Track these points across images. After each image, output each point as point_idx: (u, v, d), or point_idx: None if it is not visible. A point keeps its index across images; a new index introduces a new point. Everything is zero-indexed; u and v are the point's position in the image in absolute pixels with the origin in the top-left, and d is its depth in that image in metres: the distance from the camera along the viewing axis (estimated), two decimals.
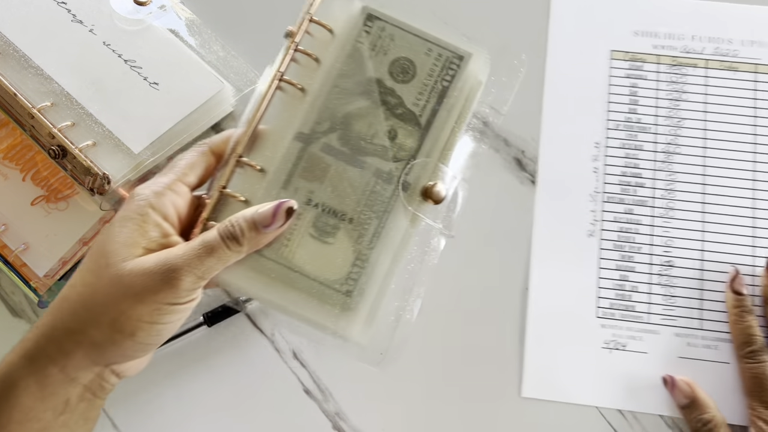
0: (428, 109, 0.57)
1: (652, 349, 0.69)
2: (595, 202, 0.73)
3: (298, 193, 0.55)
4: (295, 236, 0.54)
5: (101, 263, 0.51)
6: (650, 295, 0.71)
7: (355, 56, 0.57)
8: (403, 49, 0.57)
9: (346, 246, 0.55)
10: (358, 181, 0.55)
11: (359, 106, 0.57)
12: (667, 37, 0.77)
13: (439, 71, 0.57)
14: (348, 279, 0.54)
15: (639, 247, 0.72)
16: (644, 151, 0.74)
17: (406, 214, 0.56)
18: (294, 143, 0.56)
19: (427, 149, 0.56)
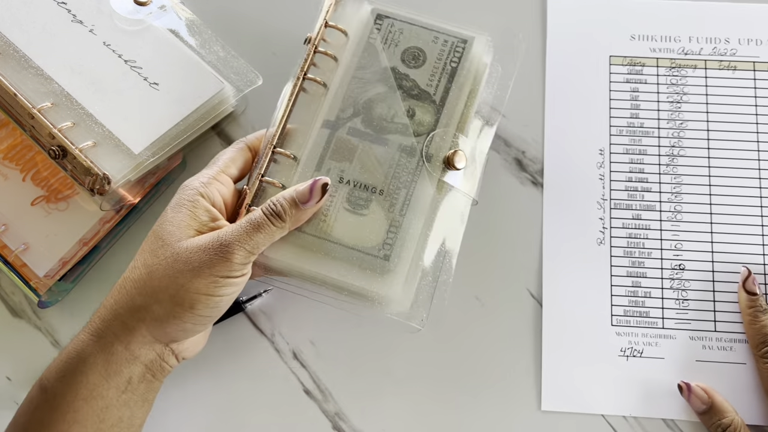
0: (441, 87, 0.63)
1: (669, 354, 0.69)
2: (603, 210, 0.73)
3: (330, 173, 0.61)
4: (332, 212, 0.60)
5: (159, 244, 0.56)
6: (663, 300, 0.70)
7: (369, 50, 0.64)
8: (412, 40, 0.65)
9: (379, 216, 0.60)
10: (384, 156, 0.61)
11: (378, 92, 0.63)
12: (664, 39, 0.77)
13: (447, 55, 0.64)
14: (384, 245, 0.59)
15: (649, 253, 0.71)
16: (649, 155, 0.74)
17: (432, 181, 0.61)
18: (322, 130, 0.62)
19: (444, 122, 0.63)
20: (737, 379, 0.68)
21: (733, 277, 0.70)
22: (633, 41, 0.77)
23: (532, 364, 0.69)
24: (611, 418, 0.67)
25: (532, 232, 0.72)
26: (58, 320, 0.71)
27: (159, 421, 0.67)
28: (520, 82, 0.74)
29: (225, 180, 0.61)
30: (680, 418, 0.67)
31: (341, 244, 0.59)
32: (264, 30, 0.79)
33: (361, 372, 0.69)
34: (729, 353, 0.68)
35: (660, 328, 0.69)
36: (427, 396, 0.69)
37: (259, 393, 0.69)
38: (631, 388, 0.68)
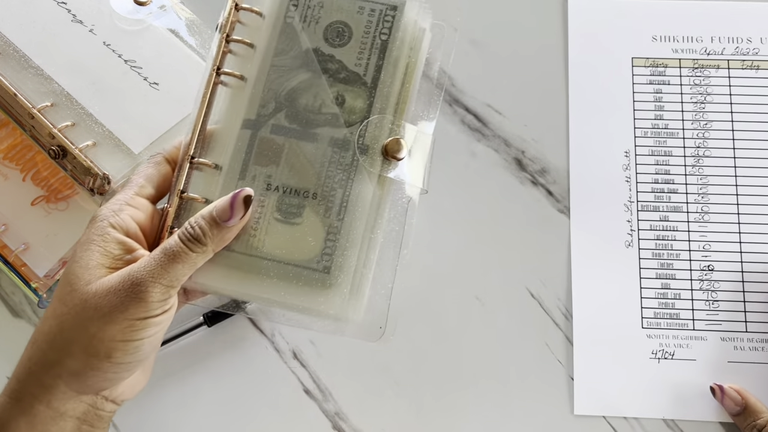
0: (371, 66, 0.55)
1: (700, 355, 0.68)
2: (630, 212, 0.72)
3: (256, 181, 0.54)
4: (261, 224, 0.53)
5: (67, 290, 0.49)
6: (693, 301, 0.69)
7: (287, 32, 0.56)
8: (334, 13, 0.56)
9: (314, 223, 0.53)
10: (314, 154, 0.54)
11: (301, 80, 0.56)
12: (686, 40, 0.76)
13: (375, 26, 0.56)
14: (323, 255, 0.53)
15: (678, 254, 0.71)
16: (674, 157, 0.73)
17: (371, 177, 0.54)
18: (243, 132, 0.55)
19: (379, 107, 0.55)
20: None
21: (762, 276, 0.69)
22: (655, 42, 0.76)
23: (533, 364, 0.68)
24: (611, 418, 0.67)
25: (532, 231, 0.72)
26: None
27: (159, 421, 0.67)
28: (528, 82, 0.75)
29: (139, 203, 0.53)
30: (715, 419, 0.66)
31: (275, 260, 0.53)
32: None
33: (361, 372, 0.69)
34: (761, 353, 0.68)
35: (691, 330, 0.68)
36: (427, 396, 0.68)
37: (259, 393, 0.68)
38: (664, 391, 0.67)
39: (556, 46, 0.77)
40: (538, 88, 0.75)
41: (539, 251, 0.71)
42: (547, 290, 0.70)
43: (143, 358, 0.50)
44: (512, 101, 0.75)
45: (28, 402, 0.49)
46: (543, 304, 0.69)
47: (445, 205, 0.72)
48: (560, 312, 0.69)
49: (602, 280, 0.70)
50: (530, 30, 0.77)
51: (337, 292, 0.52)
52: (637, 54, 0.76)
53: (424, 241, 0.71)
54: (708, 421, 0.66)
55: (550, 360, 0.68)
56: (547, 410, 0.67)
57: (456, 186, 0.72)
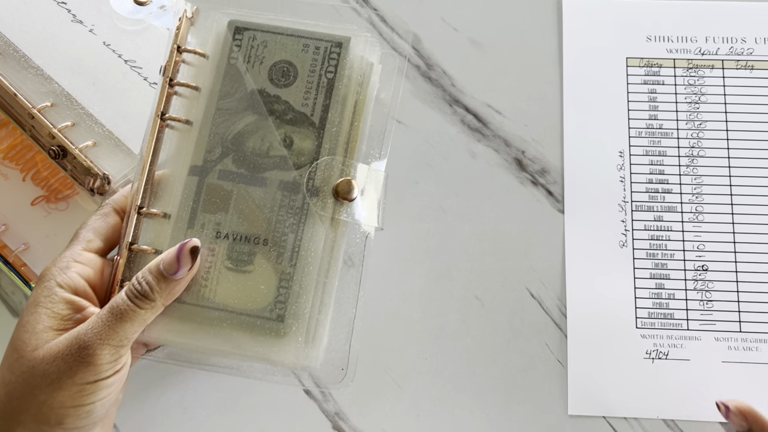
0: (318, 105, 0.54)
1: (694, 355, 0.68)
2: (625, 212, 0.72)
3: (205, 229, 0.52)
4: (212, 273, 0.52)
5: (14, 357, 0.48)
6: (687, 301, 0.69)
7: (231, 73, 0.55)
8: (279, 53, 0.55)
9: (266, 270, 0.52)
10: (264, 199, 0.53)
11: (247, 123, 0.54)
12: (680, 40, 0.76)
13: (320, 65, 0.55)
14: (276, 303, 0.51)
15: (672, 254, 0.70)
16: (668, 157, 0.73)
17: (323, 219, 0.53)
18: (190, 179, 0.53)
19: (328, 147, 0.54)
20: (764, 379, 0.67)
21: (757, 277, 0.69)
22: (649, 42, 0.76)
23: (533, 364, 0.68)
24: (612, 419, 0.67)
25: (532, 231, 0.72)
26: None
27: (159, 421, 0.67)
28: (528, 82, 0.75)
29: (87, 258, 0.51)
30: (708, 419, 0.66)
31: (227, 310, 0.51)
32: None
33: (361, 372, 0.67)
34: (755, 353, 0.68)
35: (685, 330, 0.68)
36: (427, 396, 0.68)
37: (259, 393, 0.68)
38: (658, 391, 0.67)
39: (554, 46, 0.77)
40: (537, 88, 0.75)
41: (539, 251, 0.71)
42: (547, 290, 0.69)
43: (97, 420, 0.49)
44: (512, 101, 0.74)
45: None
46: (543, 304, 0.69)
47: (446, 205, 0.72)
48: (560, 312, 0.69)
49: (596, 280, 0.70)
50: (528, 30, 0.77)
51: (292, 340, 0.51)
52: (631, 54, 0.76)
53: (425, 240, 0.71)
54: (707, 421, 0.66)
55: (550, 360, 0.68)
56: (548, 410, 0.67)
57: (456, 186, 0.72)
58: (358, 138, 0.54)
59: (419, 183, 0.72)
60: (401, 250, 0.71)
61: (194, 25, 0.57)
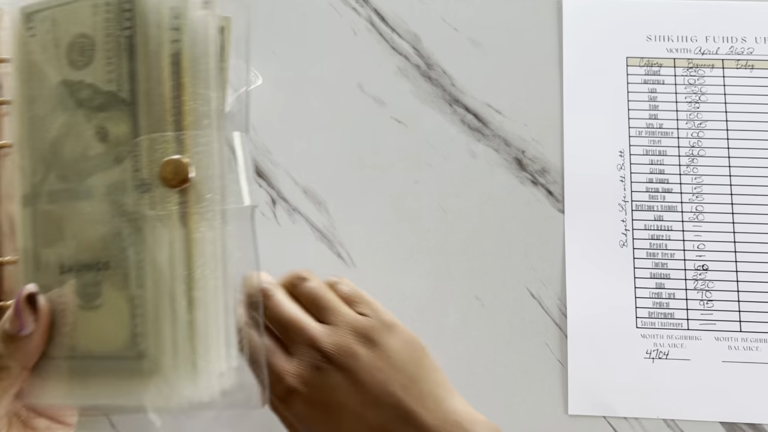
0: (124, 76, 0.41)
1: (695, 355, 0.68)
2: (625, 212, 0.71)
3: (50, 268, 0.42)
4: (69, 316, 0.42)
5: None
6: (687, 301, 0.69)
7: (31, 72, 0.43)
8: (70, 27, 0.42)
9: (115, 299, 0.41)
10: (94, 213, 0.41)
11: (58, 125, 0.42)
12: (680, 39, 0.76)
13: (115, 24, 0.41)
14: (134, 337, 0.40)
15: (672, 254, 0.70)
16: (669, 156, 0.72)
17: (163, 219, 0.41)
18: (24, 211, 0.43)
19: (147, 125, 0.41)
20: (764, 379, 0.67)
21: (758, 276, 0.69)
22: (649, 42, 0.76)
23: (533, 364, 0.68)
24: (612, 419, 0.67)
25: (532, 231, 0.71)
26: None
27: None
28: (528, 82, 0.75)
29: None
30: (709, 419, 0.66)
31: (92, 357, 0.41)
32: (262, 29, 0.77)
33: None
34: (755, 353, 0.67)
35: (685, 330, 0.68)
36: None
37: None
38: (658, 391, 0.67)
39: (554, 46, 0.76)
40: (537, 88, 0.75)
41: (539, 251, 0.70)
42: (547, 290, 0.69)
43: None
44: (512, 101, 0.74)
45: None
46: (543, 304, 0.69)
47: (446, 205, 0.71)
48: (560, 312, 0.69)
49: (596, 280, 0.70)
50: (528, 30, 0.76)
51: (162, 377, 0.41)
52: (631, 53, 0.75)
53: (425, 240, 0.70)
54: (708, 421, 0.66)
55: (550, 360, 0.68)
56: (548, 410, 0.67)
57: (456, 186, 0.72)
58: (191, 101, 0.41)
59: (419, 183, 0.72)
60: (401, 250, 0.70)
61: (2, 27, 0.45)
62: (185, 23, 0.41)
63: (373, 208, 0.71)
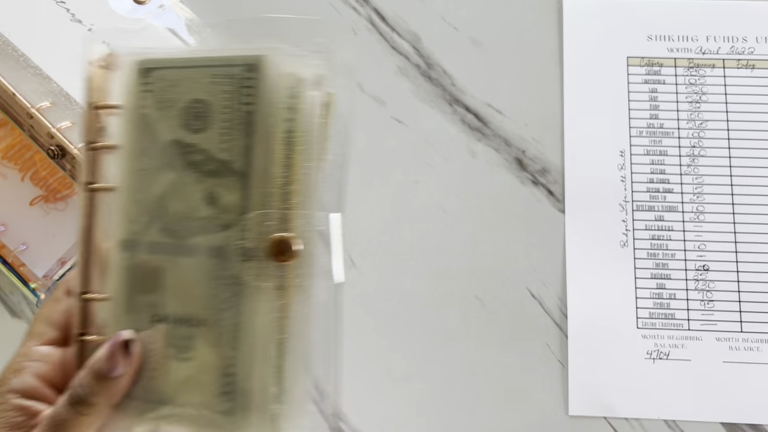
0: (238, 148, 0.43)
1: (695, 355, 0.68)
2: (625, 212, 0.71)
3: (141, 314, 0.44)
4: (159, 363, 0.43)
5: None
6: (688, 301, 0.69)
7: (143, 126, 0.45)
8: (189, 91, 0.44)
9: (207, 356, 0.43)
10: (195, 272, 0.43)
11: (167, 182, 0.44)
12: (681, 39, 0.75)
13: (235, 96, 0.43)
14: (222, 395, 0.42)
15: (673, 254, 0.70)
16: (669, 156, 0.72)
17: (264, 288, 0.42)
18: (122, 256, 0.45)
19: (259, 198, 0.42)
20: (765, 379, 0.67)
21: (758, 276, 0.69)
22: (650, 41, 0.76)
23: (533, 364, 0.68)
24: (612, 419, 0.67)
25: (533, 231, 0.71)
26: None
27: None
28: (528, 81, 0.75)
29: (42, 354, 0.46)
30: (709, 420, 0.66)
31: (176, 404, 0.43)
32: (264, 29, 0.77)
33: (361, 372, 0.68)
34: (756, 354, 0.67)
35: (686, 330, 0.68)
36: (427, 396, 0.67)
37: None
38: (659, 391, 0.67)
39: (554, 45, 0.76)
40: (537, 87, 0.75)
41: (540, 251, 0.70)
42: (547, 290, 0.69)
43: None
44: (512, 101, 0.74)
45: None
46: (543, 304, 0.69)
47: (446, 205, 0.71)
48: (561, 312, 0.69)
49: (597, 280, 0.69)
50: (528, 29, 0.76)
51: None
52: (632, 53, 0.75)
53: (425, 240, 0.70)
54: (708, 422, 0.66)
55: (550, 360, 0.67)
56: (548, 410, 0.66)
57: (456, 186, 0.72)
58: (298, 177, 0.43)
59: (419, 183, 0.72)
60: (401, 251, 0.70)
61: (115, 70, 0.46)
62: (299, 103, 0.43)
63: (373, 208, 0.71)
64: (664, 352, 0.67)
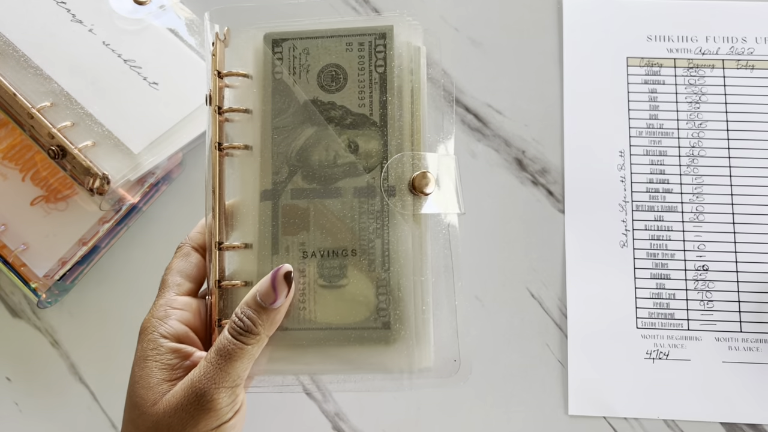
0: (375, 103, 0.52)
1: (695, 355, 0.68)
2: (625, 212, 0.71)
3: (290, 252, 0.51)
4: (308, 295, 0.51)
5: (136, 413, 0.48)
6: (688, 301, 0.69)
7: (279, 89, 0.53)
8: (323, 57, 0.53)
9: (361, 280, 0.51)
10: (342, 209, 0.51)
11: (307, 136, 0.53)
12: (681, 40, 0.75)
13: (368, 60, 0.53)
14: (378, 311, 0.50)
15: (672, 254, 0.70)
16: (669, 157, 0.72)
17: (405, 218, 0.51)
18: (263, 204, 0.52)
19: (395, 144, 0.52)
20: (764, 379, 0.67)
21: (758, 276, 0.69)
22: (650, 42, 0.75)
23: (533, 364, 0.68)
24: (612, 419, 0.67)
25: (532, 231, 0.71)
26: (57, 320, 0.70)
27: None
28: (528, 82, 0.75)
29: (182, 302, 0.52)
30: (709, 419, 0.66)
31: (331, 328, 0.50)
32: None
33: None
34: (755, 354, 0.67)
35: (685, 330, 0.68)
36: (428, 396, 0.67)
37: (260, 393, 0.66)
38: (658, 391, 0.67)
39: (554, 46, 0.76)
40: (537, 88, 0.75)
41: (539, 251, 0.70)
42: (547, 290, 0.69)
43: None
44: (512, 101, 0.74)
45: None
46: (543, 304, 0.69)
47: None
48: (560, 312, 0.69)
49: (597, 280, 0.69)
50: (528, 30, 0.76)
51: (402, 345, 0.50)
52: (631, 54, 0.75)
53: None
54: (708, 422, 0.66)
55: (550, 360, 0.67)
56: (548, 410, 0.66)
57: None
58: (421, 126, 0.53)
59: None
60: None
61: (228, 46, 0.55)
62: (418, 68, 0.53)
63: None
64: (663, 352, 0.67)
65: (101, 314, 0.70)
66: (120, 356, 0.68)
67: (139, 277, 0.70)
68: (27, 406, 0.68)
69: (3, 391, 0.68)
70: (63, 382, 0.68)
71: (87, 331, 0.69)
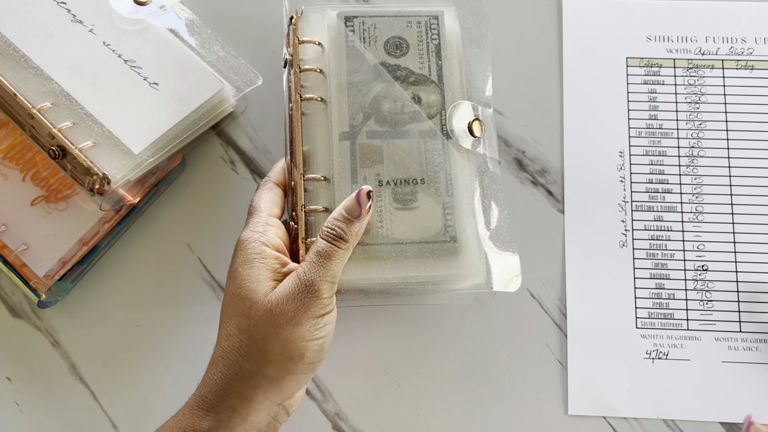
0: (434, 66, 0.65)
1: (694, 355, 0.68)
2: (624, 212, 0.71)
3: (368, 181, 0.61)
4: (385, 215, 0.60)
5: (247, 305, 0.54)
6: (687, 301, 0.69)
7: (352, 54, 0.64)
8: (388, 31, 0.65)
9: (430, 203, 0.61)
10: (410, 147, 0.62)
11: (378, 90, 0.64)
12: (680, 40, 0.75)
13: (426, 35, 0.65)
14: (446, 228, 0.60)
15: (672, 254, 0.70)
16: (668, 157, 0.72)
17: (462, 155, 0.63)
18: (342, 143, 0.62)
19: (450, 97, 0.64)
20: (764, 379, 0.67)
21: (757, 277, 0.69)
22: (649, 42, 0.75)
23: (533, 364, 0.68)
24: (612, 419, 0.67)
25: (532, 231, 0.71)
26: (57, 320, 0.70)
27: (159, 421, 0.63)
28: (528, 82, 0.75)
29: (275, 222, 0.59)
30: (708, 419, 0.66)
31: (406, 243, 0.60)
32: (264, 29, 0.77)
33: (361, 372, 0.68)
34: (755, 353, 0.67)
35: (685, 330, 0.68)
36: (427, 396, 0.68)
37: None
38: (658, 391, 0.67)
39: (554, 46, 0.76)
40: (537, 88, 0.75)
41: (539, 251, 0.70)
42: (547, 290, 0.69)
43: (324, 357, 0.55)
44: (512, 101, 0.74)
45: (226, 416, 0.52)
46: (543, 304, 0.69)
47: None
48: (560, 312, 0.69)
49: (596, 280, 0.69)
50: (528, 30, 0.76)
51: (468, 255, 0.60)
52: (631, 54, 0.75)
53: None
54: (707, 421, 0.66)
55: (550, 360, 0.67)
56: (548, 410, 0.66)
57: None
58: (467, 87, 0.66)
59: None
60: None
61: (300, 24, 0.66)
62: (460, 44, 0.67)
63: None
64: (663, 352, 0.67)
65: (101, 314, 0.69)
66: (120, 356, 0.68)
67: (139, 277, 0.70)
68: (27, 406, 0.68)
69: (3, 391, 0.68)
70: (63, 382, 0.68)
71: (87, 331, 0.69)
